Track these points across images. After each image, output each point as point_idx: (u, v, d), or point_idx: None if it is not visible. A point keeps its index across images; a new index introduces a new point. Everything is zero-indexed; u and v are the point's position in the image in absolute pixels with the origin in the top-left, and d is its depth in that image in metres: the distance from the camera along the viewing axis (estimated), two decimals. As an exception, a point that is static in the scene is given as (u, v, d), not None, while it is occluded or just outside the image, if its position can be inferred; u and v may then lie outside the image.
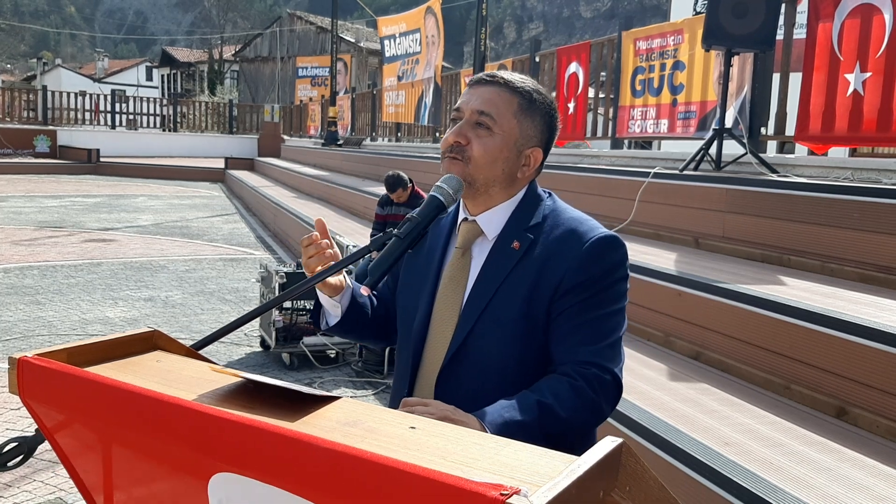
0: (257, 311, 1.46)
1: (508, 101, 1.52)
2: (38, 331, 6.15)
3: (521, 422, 1.32)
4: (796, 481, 2.32)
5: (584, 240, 1.47)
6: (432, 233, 1.61)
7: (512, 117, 1.52)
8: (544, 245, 1.49)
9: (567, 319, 1.45)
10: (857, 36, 4.71)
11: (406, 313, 1.61)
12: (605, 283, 1.46)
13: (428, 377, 1.53)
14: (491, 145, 1.50)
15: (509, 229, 1.53)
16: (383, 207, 6.82)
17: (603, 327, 1.45)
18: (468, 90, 1.57)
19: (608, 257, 1.48)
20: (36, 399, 1.09)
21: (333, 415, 1.00)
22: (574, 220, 1.53)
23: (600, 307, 1.46)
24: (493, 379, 1.46)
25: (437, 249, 1.60)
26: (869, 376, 2.81)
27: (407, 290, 1.63)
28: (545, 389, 1.39)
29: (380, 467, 0.78)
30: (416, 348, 1.56)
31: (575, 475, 0.77)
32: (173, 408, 0.96)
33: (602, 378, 1.41)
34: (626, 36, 7.29)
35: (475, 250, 1.56)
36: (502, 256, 1.51)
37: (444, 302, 1.54)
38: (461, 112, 1.54)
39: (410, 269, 1.64)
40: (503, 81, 1.53)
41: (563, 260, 1.46)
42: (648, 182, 5.45)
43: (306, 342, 5.63)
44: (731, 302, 3.55)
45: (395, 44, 15.36)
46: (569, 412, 1.37)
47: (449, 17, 18.91)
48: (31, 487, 3.55)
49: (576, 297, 1.45)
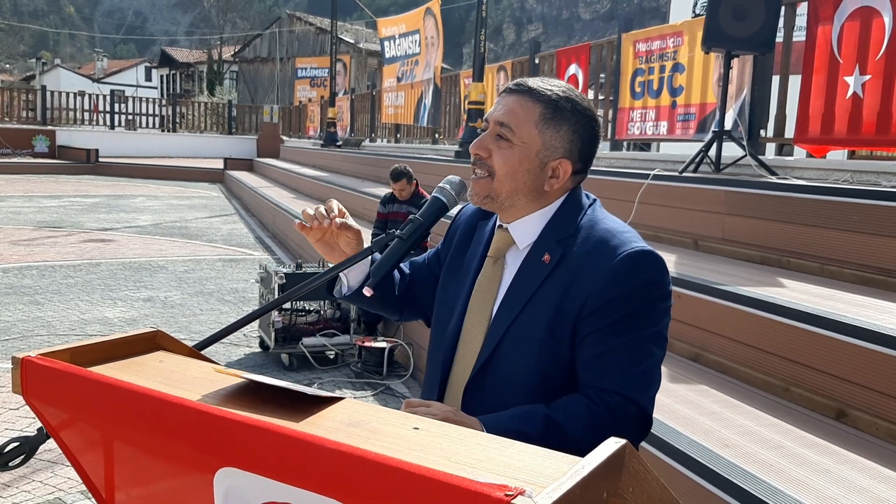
0: (263, 310, 1.46)
1: (530, 110, 1.44)
2: (37, 331, 6.15)
3: (522, 432, 1.27)
4: (796, 483, 2.33)
5: (615, 255, 1.36)
6: (477, 237, 1.58)
7: (533, 127, 1.43)
8: (574, 259, 1.40)
9: (593, 344, 1.36)
10: (856, 38, 4.72)
11: (441, 315, 1.58)
12: (637, 304, 1.36)
13: (457, 387, 1.50)
14: (510, 157, 1.43)
15: (543, 240, 1.45)
16: (385, 206, 6.84)
17: (633, 353, 1.35)
18: (500, 98, 1.50)
19: (640, 275, 1.36)
20: (39, 399, 1.09)
21: (337, 415, 1.01)
22: (608, 231, 1.42)
23: (630, 331, 1.35)
24: (517, 394, 1.41)
25: (476, 256, 1.56)
26: (868, 378, 2.82)
27: (445, 292, 1.60)
28: (560, 407, 1.34)
29: (384, 468, 0.78)
30: (446, 357, 1.52)
31: (579, 476, 0.78)
32: (176, 408, 0.96)
33: (625, 408, 1.33)
34: (625, 38, 7.30)
35: (508, 259, 1.50)
36: (532, 269, 1.44)
37: (475, 313, 1.50)
38: (488, 122, 1.49)
39: (450, 273, 1.60)
40: (527, 89, 1.45)
41: (590, 276, 1.36)
42: (648, 184, 5.45)
43: (305, 343, 5.63)
44: (730, 304, 3.55)
45: (395, 45, 15.38)
46: (578, 434, 1.30)
47: (448, 19, 18.93)
48: (30, 487, 3.55)
49: (603, 320, 1.35)
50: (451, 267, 1.59)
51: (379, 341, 5.60)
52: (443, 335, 1.54)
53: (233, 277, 8.81)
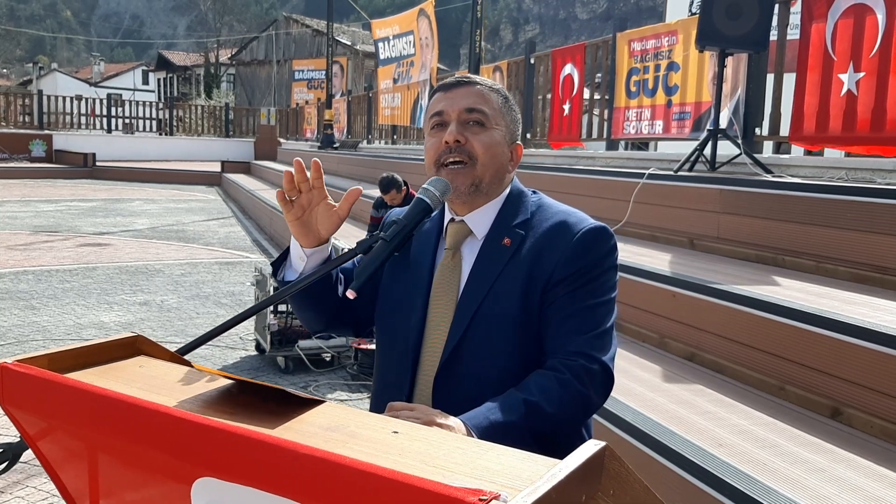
0: (247, 314, 1.43)
1: (492, 98, 1.54)
2: (33, 336, 6.14)
3: (507, 422, 1.30)
4: (790, 482, 2.32)
5: (574, 231, 1.48)
6: (418, 237, 1.58)
7: (498, 113, 1.53)
8: (535, 240, 1.49)
9: (556, 310, 1.45)
10: (850, 36, 4.72)
11: (395, 319, 1.57)
12: (594, 274, 1.47)
13: (426, 381, 1.50)
14: (490, 140, 1.51)
15: (498, 227, 1.52)
16: (378, 210, 6.83)
17: (592, 317, 1.45)
18: (443, 94, 1.54)
19: (597, 248, 1.48)
20: (17, 406, 1.08)
21: (316, 419, 0.99)
22: (563, 212, 1.53)
23: (589, 297, 1.45)
24: (492, 377, 1.44)
25: (427, 253, 1.57)
26: (863, 376, 2.81)
27: (395, 296, 1.59)
28: (532, 386, 1.38)
29: (359, 473, 0.77)
30: (413, 354, 1.52)
31: (556, 479, 0.76)
32: (154, 414, 0.95)
33: (590, 368, 1.41)
34: (620, 37, 7.30)
35: (465, 251, 1.54)
36: (494, 254, 1.50)
37: (438, 304, 1.52)
38: (445, 115, 1.51)
39: (397, 275, 1.60)
40: (478, 82, 1.55)
41: (553, 252, 1.46)
42: (643, 183, 5.44)
43: (301, 346, 5.62)
44: (725, 303, 3.55)
45: (389, 46, 15.38)
46: (556, 407, 1.36)
47: (445, 20, 18.92)
48: (23, 493, 3.54)
49: (565, 289, 1.45)
50: (394, 268, 1.59)
51: (375, 343, 5.59)
52: (402, 332, 1.54)
53: (229, 280, 8.79)
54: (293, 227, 1.49)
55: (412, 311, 1.54)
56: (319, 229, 1.50)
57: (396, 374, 1.55)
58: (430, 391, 1.48)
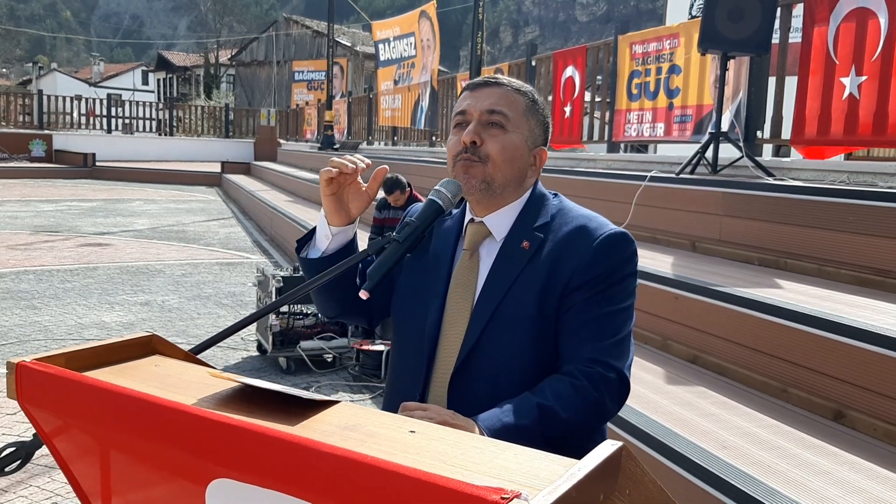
0: (260, 314, 1.44)
1: (516, 100, 1.54)
2: (34, 335, 6.14)
3: (520, 426, 1.31)
4: (794, 484, 2.33)
5: (594, 237, 1.47)
6: (438, 236, 1.59)
7: (521, 116, 1.53)
8: (554, 243, 1.49)
9: (574, 316, 1.45)
10: (852, 40, 4.73)
11: (412, 317, 1.58)
12: (613, 280, 1.46)
13: (441, 380, 1.50)
14: (507, 143, 1.51)
15: (517, 229, 1.53)
16: (381, 211, 6.83)
17: (610, 324, 1.45)
18: (469, 93, 1.56)
19: (617, 253, 1.48)
20: (34, 404, 1.09)
21: (333, 419, 1.00)
22: (583, 217, 1.53)
23: (607, 304, 1.45)
24: (507, 379, 1.44)
25: (446, 253, 1.58)
26: (866, 379, 2.82)
27: (412, 295, 1.59)
28: (546, 390, 1.38)
29: (380, 471, 0.78)
30: (428, 353, 1.53)
31: (575, 479, 0.77)
32: (171, 412, 0.95)
33: (606, 376, 1.41)
34: (622, 40, 7.31)
35: (483, 252, 1.55)
36: (512, 256, 1.50)
37: (455, 304, 1.52)
38: (468, 115, 1.53)
39: (415, 273, 1.60)
40: (506, 83, 1.55)
41: (573, 257, 1.46)
42: (645, 186, 5.45)
43: (303, 346, 5.62)
44: (728, 305, 3.55)
45: (390, 47, 15.39)
46: (570, 412, 1.36)
47: (445, 22, 18.93)
48: (27, 493, 3.54)
49: (584, 294, 1.44)
50: (413, 265, 1.60)
51: (377, 344, 5.60)
52: (418, 333, 1.54)
53: (230, 281, 8.79)
54: (328, 202, 1.53)
55: (429, 310, 1.54)
56: (350, 207, 1.55)
57: (412, 372, 1.55)
58: (445, 391, 1.49)
